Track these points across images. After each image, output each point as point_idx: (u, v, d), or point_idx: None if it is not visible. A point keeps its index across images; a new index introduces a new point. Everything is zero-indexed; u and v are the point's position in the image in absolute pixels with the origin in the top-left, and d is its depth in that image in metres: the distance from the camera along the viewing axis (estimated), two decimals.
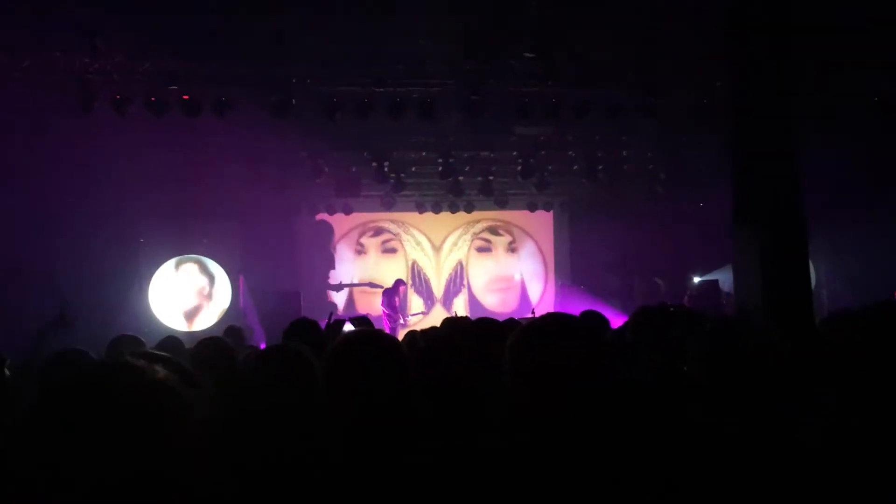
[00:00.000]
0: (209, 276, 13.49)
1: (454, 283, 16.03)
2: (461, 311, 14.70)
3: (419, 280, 15.79)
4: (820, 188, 10.02)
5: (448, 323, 5.65)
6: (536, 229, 16.33)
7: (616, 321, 9.87)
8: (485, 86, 9.22)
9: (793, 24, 6.82)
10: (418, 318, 13.48)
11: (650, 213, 14.11)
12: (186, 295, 13.31)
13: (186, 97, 8.98)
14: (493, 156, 12.77)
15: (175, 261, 13.27)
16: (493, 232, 16.29)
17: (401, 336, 5.56)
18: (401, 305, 13.05)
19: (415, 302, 15.52)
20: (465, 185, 13.69)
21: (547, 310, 14.90)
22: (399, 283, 12.79)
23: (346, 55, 8.64)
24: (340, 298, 15.51)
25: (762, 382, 2.29)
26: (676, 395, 2.47)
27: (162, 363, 1.09)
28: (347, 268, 15.62)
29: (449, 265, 16.09)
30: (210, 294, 13.44)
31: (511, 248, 16.33)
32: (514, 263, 16.33)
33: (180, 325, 12.84)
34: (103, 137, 9.55)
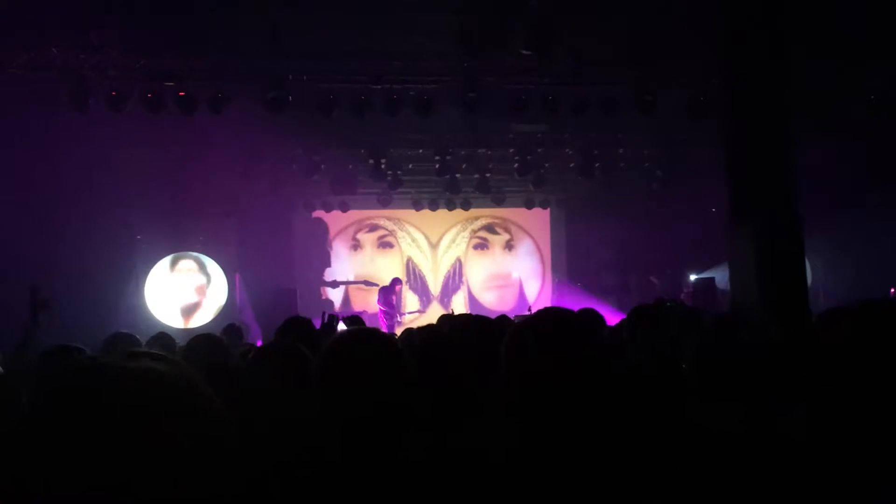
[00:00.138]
0: (205, 274, 13.47)
1: (453, 280, 16.03)
2: (460, 308, 14.68)
3: (414, 277, 15.78)
4: (816, 186, 10.04)
5: (444, 320, 5.66)
6: (533, 227, 16.33)
7: (613, 318, 9.89)
8: (481, 83, 9.21)
9: (788, 21, 6.83)
10: (415, 317, 13.46)
11: (647, 210, 14.13)
12: (183, 292, 13.29)
13: (182, 94, 8.96)
14: (489, 153, 12.77)
15: (171, 258, 13.25)
16: (490, 230, 16.29)
17: (397, 334, 5.57)
18: (397, 303, 13.05)
19: (410, 299, 15.52)
20: (461, 182, 13.68)
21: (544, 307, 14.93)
22: (396, 282, 12.78)
23: (342, 52, 8.64)
24: (336, 296, 15.50)
25: (759, 379, 2.29)
26: (674, 392, 2.47)
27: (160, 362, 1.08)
28: (343, 264, 15.61)
29: (447, 262, 16.09)
30: (206, 291, 13.43)
31: (508, 245, 16.33)
32: (511, 261, 16.33)
33: (176, 323, 12.82)
34: (99, 134, 9.52)
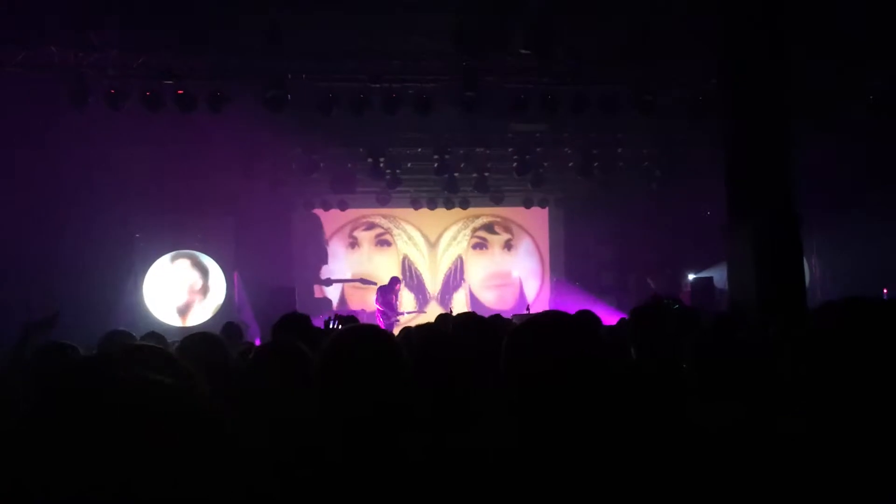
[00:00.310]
0: (204, 272, 13.46)
1: (454, 279, 16.00)
2: (462, 306, 14.64)
3: (411, 275, 15.75)
4: (816, 186, 10.05)
5: (442, 320, 5.67)
6: (533, 226, 16.32)
7: (611, 318, 9.92)
8: (480, 82, 9.21)
9: (788, 21, 6.83)
10: (412, 316, 13.42)
11: (645, 210, 14.14)
12: (181, 290, 13.28)
13: (181, 92, 8.95)
14: (488, 152, 12.77)
15: (170, 256, 13.23)
16: (489, 229, 16.27)
17: (395, 334, 5.56)
18: (395, 303, 13.03)
19: (406, 298, 15.49)
20: (460, 181, 13.67)
21: (543, 307, 14.95)
22: (395, 281, 12.75)
23: (341, 51, 8.64)
24: (334, 295, 15.49)
25: (759, 379, 2.30)
26: (674, 391, 2.47)
27: (157, 359, 1.08)
28: (341, 263, 15.60)
29: (447, 260, 16.06)
30: (205, 289, 13.41)
31: (508, 244, 16.32)
32: (510, 260, 16.32)
33: (175, 321, 12.82)
34: (98, 133, 9.51)
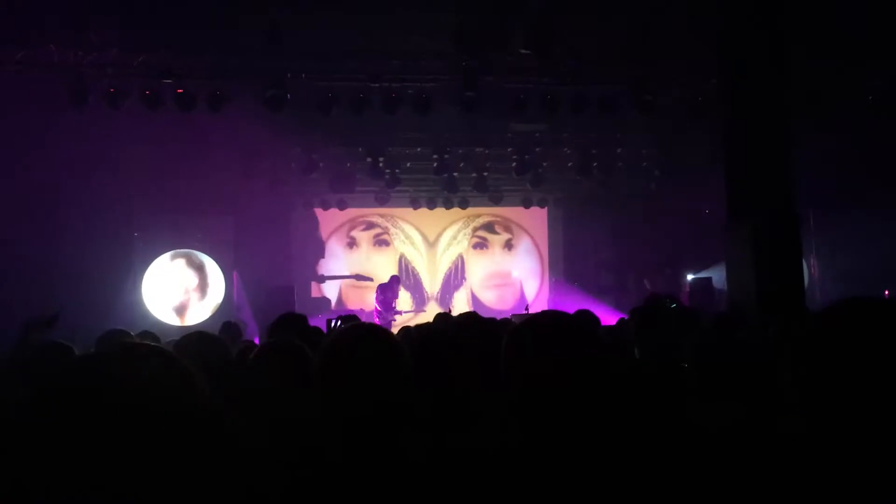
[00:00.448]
0: (203, 271, 13.45)
1: (454, 278, 15.99)
2: (462, 306, 14.63)
3: (408, 275, 15.74)
4: (816, 186, 10.06)
5: (441, 319, 5.68)
6: (532, 226, 16.32)
7: (610, 318, 9.92)
8: (480, 82, 9.21)
9: (788, 21, 6.83)
10: (410, 316, 13.41)
11: (644, 209, 14.14)
12: (180, 289, 13.27)
13: (181, 91, 8.95)
14: (487, 152, 12.77)
15: (169, 255, 13.23)
16: (489, 229, 16.26)
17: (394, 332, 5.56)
18: (394, 302, 13.02)
19: (403, 297, 15.46)
20: (459, 181, 13.67)
21: (542, 307, 14.94)
22: (395, 280, 12.74)
23: (341, 50, 8.63)
24: (332, 294, 15.48)
25: (759, 379, 2.30)
26: (674, 391, 2.47)
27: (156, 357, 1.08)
28: (339, 262, 15.59)
29: (447, 260, 16.05)
30: (204, 289, 13.41)
31: (508, 244, 16.31)
32: (511, 260, 16.31)
33: (173, 320, 12.81)
34: (97, 131, 9.51)
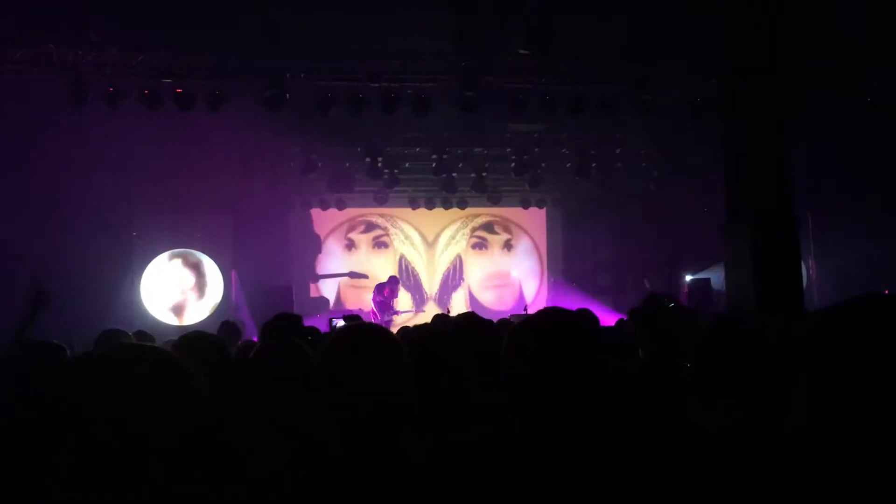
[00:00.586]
0: (201, 271, 13.44)
1: (453, 278, 15.97)
2: (461, 306, 14.62)
3: (407, 275, 15.73)
4: (816, 186, 10.06)
5: (439, 320, 5.68)
6: (531, 226, 16.31)
7: (609, 318, 9.92)
8: (479, 82, 9.20)
9: (788, 21, 6.84)
10: (409, 316, 13.39)
11: (643, 210, 14.14)
12: (178, 289, 13.26)
13: (180, 90, 8.94)
14: (486, 152, 12.77)
15: (167, 255, 13.22)
16: (488, 229, 16.25)
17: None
18: (393, 302, 13.00)
19: (402, 297, 15.45)
20: (458, 181, 13.67)
21: (541, 307, 14.89)
22: (394, 280, 12.73)
23: (340, 50, 8.63)
24: (330, 293, 15.46)
25: (760, 379, 2.30)
26: (674, 391, 2.47)
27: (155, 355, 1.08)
28: (338, 263, 15.59)
29: (446, 260, 16.04)
30: (202, 288, 13.40)
31: (508, 244, 16.30)
32: (510, 260, 16.30)
33: (171, 320, 12.80)
34: (96, 131, 9.50)
